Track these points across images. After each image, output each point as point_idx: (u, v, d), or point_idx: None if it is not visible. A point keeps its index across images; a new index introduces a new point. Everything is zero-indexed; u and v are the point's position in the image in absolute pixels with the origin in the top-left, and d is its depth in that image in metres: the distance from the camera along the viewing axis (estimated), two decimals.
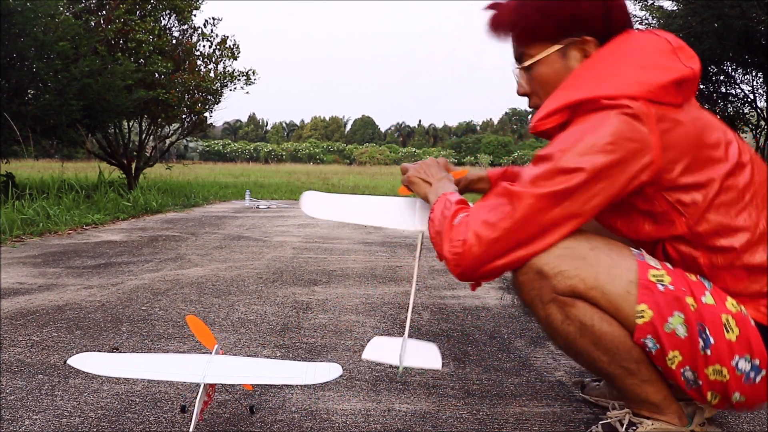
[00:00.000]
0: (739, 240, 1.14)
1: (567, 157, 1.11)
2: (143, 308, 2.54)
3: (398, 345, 1.31)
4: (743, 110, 10.73)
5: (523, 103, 1.60)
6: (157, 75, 8.98)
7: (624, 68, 1.16)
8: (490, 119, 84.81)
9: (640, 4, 9.72)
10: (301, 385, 1.66)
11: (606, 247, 1.17)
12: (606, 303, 1.15)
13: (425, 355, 1.31)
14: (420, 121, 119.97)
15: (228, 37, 10.31)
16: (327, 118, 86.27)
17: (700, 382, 1.14)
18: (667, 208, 1.16)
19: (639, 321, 1.13)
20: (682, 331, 1.11)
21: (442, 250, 1.21)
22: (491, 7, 1.33)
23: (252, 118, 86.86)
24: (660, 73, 1.14)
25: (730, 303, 1.15)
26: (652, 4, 9.60)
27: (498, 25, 1.31)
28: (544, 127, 1.23)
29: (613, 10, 1.23)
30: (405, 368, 1.29)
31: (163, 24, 9.49)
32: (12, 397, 1.57)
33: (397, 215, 1.50)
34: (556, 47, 1.25)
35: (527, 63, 1.29)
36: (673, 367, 1.14)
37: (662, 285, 1.13)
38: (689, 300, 1.12)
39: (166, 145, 10.79)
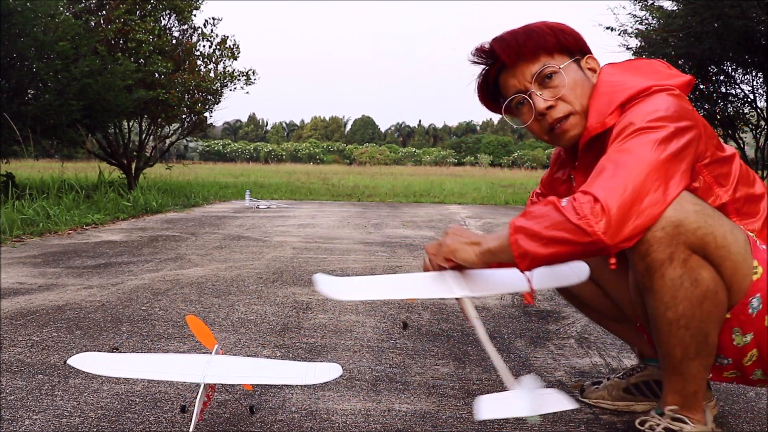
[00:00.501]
0: (763, 205, 1.28)
1: (649, 119, 1.18)
2: (143, 308, 2.54)
3: (516, 397, 1.17)
4: (743, 110, 10.73)
5: None
6: (157, 75, 8.99)
7: (648, 73, 1.32)
8: (490, 119, 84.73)
9: (640, 4, 9.72)
10: (301, 385, 1.66)
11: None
12: (730, 262, 1.17)
13: (553, 399, 1.18)
14: (420, 121, 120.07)
15: (228, 37, 10.34)
16: (327, 118, 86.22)
17: None
18: (710, 182, 1.24)
19: (754, 277, 1.18)
20: None
21: (571, 222, 1.10)
22: (499, 37, 1.38)
23: (252, 118, 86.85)
24: (676, 77, 1.32)
25: None
26: (652, 4, 9.60)
27: (515, 44, 1.34)
28: (611, 123, 1.28)
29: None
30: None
31: (163, 24, 9.50)
32: (12, 397, 1.57)
33: (430, 287, 1.35)
34: (573, 59, 1.37)
35: (561, 66, 1.34)
36: None
37: (758, 243, 1.21)
38: None
39: (166, 145, 10.80)
